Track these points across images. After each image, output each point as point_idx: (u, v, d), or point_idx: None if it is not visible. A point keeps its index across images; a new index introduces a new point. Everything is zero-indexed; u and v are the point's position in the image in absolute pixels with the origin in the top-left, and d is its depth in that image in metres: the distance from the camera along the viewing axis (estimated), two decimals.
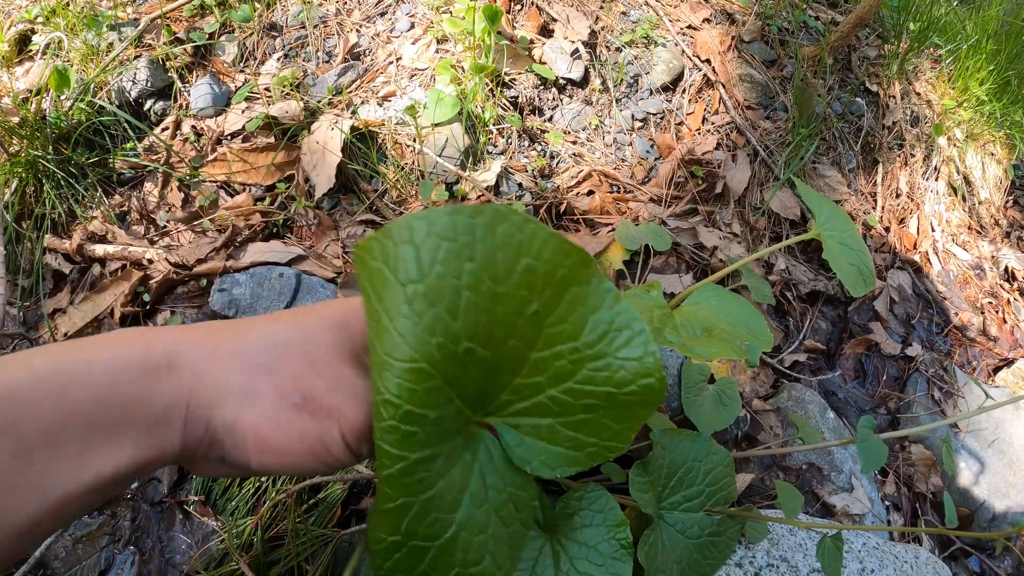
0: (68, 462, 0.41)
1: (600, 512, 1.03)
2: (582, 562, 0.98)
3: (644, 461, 1.12)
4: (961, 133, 2.59)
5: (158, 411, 0.44)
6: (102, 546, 1.37)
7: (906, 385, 1.97)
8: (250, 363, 0.49)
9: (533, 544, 1.00)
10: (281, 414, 0.48)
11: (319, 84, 1.98)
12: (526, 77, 1.95)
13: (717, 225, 1.89)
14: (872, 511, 1.64)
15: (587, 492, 1.04)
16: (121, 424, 0.43)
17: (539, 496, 1.04)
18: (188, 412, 0.46)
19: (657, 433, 1.14)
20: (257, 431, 0.47)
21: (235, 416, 0.47)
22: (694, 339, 1.09)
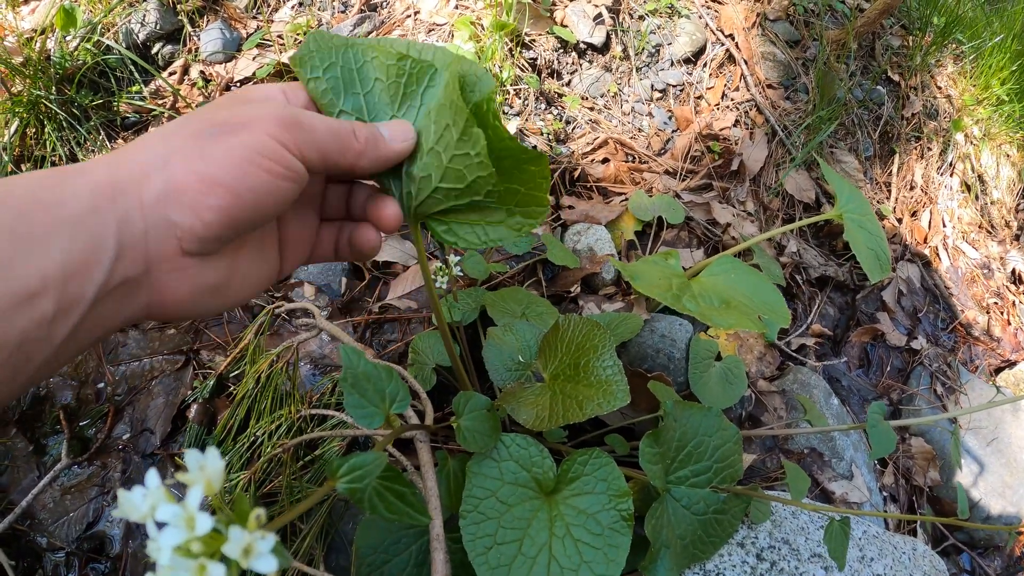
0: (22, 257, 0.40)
1: (603, 480, 0.99)
2: (579, 529, 0.95)
3: (655, 432, 1.08)
4: (979, 131, 2.55)
5: (80, 209, 0.43)
6: (91, 497, 1.34)
7: (909, 377, 1.95)
8: (159, 136, 0.49)
9: (529, 505, 0.97)
10: (204, 150, 0.48)
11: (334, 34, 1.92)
12: (546, 39, 1.90)
13: (731, 202, 1.85)
14: (870, 500, 1.62)
15: (592, 457, 1.00)
16: (44, 229, 0.41)
17: (543, 456, 1.01)
18: (116, 203, 0.45)
19: (669, 404, 1.11)
20: (189, 178, 0.47)
21: (165, 180, 0.46)
22: (712, 309, 1.06)
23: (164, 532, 0.36)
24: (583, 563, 0.93)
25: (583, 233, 1.66)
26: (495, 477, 0.97)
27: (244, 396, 1.37)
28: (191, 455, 0.39)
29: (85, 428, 1.41)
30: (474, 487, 0.96)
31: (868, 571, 1.33)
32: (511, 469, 0.99)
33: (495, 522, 0.94)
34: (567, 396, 1.03)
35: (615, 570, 0.93)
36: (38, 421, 1.41)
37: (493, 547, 0.92)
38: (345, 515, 1.30)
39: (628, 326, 1.41)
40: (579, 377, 1.05)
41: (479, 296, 1.45)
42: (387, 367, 0.85)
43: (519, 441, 1.00)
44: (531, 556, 0.93)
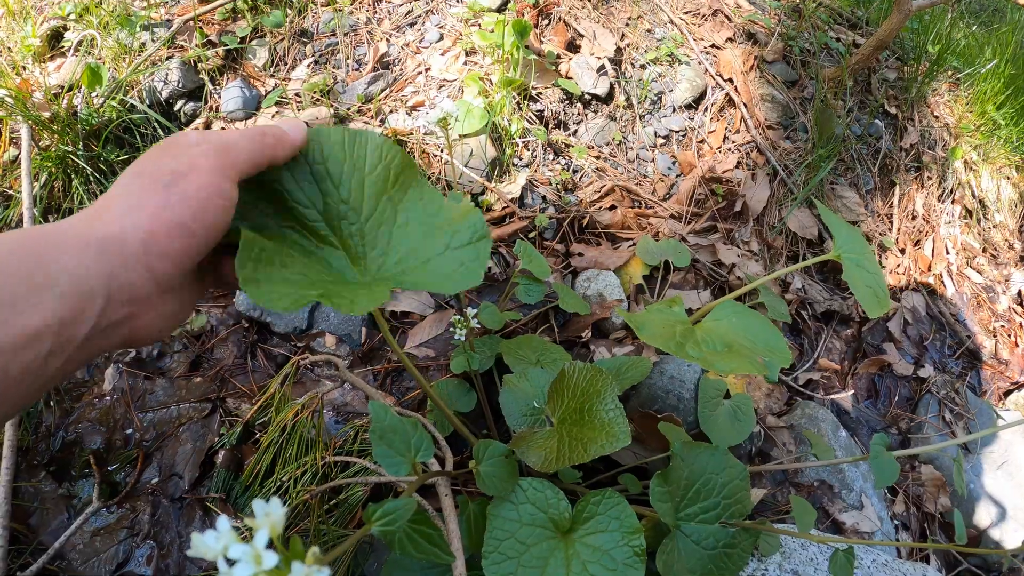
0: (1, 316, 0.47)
1: (616, 519, 1.06)
2: (595, 566, 1.01)
3: (664, 472, 1.15)
4: (977, 156, 2.61)
5: (74, 264, 0.51)
6: (120, 539, 1.40)
7: (917, 406, 2.00)
8: (123, 190, 0.58)
9: (546, 544, 1.03)
10: (165, 200, 0.57)
11: (349, 91, 2.02)
12: (552, 91, 1.99)
13: (736, 243, 1.92)
14: (881, 529, 1.67)
15: (605, 498, 1.07)
16: (46, 280, 0.50)
17: (558, 498, 1.08)
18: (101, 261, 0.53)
19: (677, 446, 1.17)
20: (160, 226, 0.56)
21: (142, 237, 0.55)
22: (715, 354, 1.12)
23: (236, 567, 0.45)
24: None
25: (593, 279, 1.73)
26: (514, 519, 1.04)
27: (270, 443, 1.45)
28: (258, 504, 0.49)
29: (114, 472, 1.47)
30: (495, 529, 1.03)
31: None
32: (529, 511, 1.06)
33: (515, 561, 1.01)
34: (573, 439, 1.10)
35: None
36: (68, 465, 1.47)
37: None
38: (371, 556, 1.37)
39: (638, 370, 1.48)
40: (584, 420, 1.12)
41: (495, 344, 1.52)
42: (412, 420, 0.94)
43: (535, 484, 1.08)
44: None
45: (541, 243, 1.81)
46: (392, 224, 0.80)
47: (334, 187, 0.77)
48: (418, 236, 0.81)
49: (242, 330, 1.67)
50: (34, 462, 1.48)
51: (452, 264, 0.79)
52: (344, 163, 0.78)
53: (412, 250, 0.80)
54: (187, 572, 1.38)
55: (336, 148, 0.77)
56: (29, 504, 1.43)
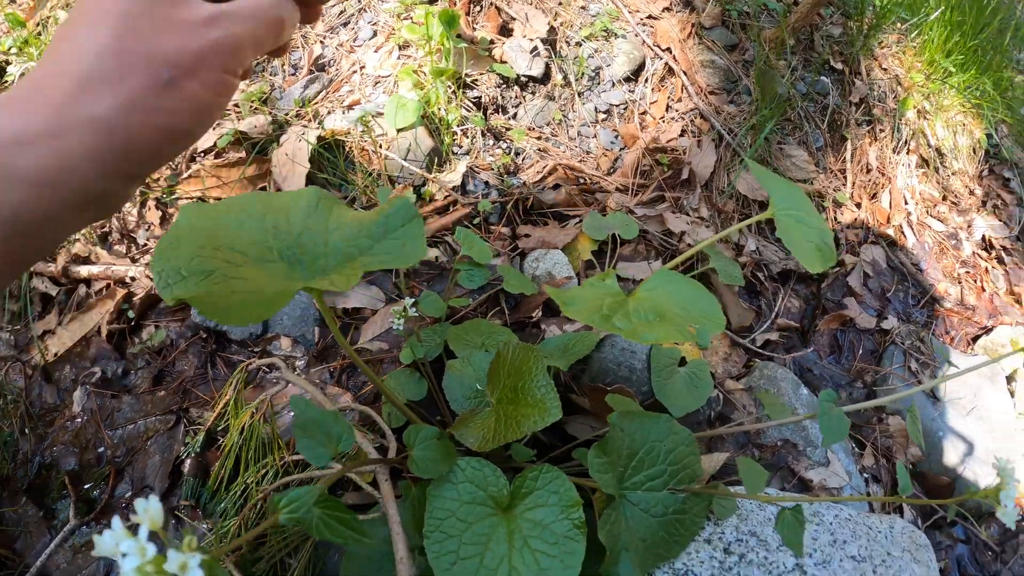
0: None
1: (555, 492, 1.06)
2: (535, 540, 1.01)
3: (602, 442, 1.14)
4: (930, 105, 2.60)
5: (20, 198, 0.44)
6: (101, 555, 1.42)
7: (882, 358, 1.99)
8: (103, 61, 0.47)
9: (488, 522, 1.03)
10: (164, 103, 0.48)
11: (286, 97, 2.01)
12: (488, 77, 1.98)
13: (684, 211, 1.91)
14: (850, 484, 1.66)
15: (542, 472, 1.07)
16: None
17: (497, 475, 1.07)
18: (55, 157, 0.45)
19: (614, 416, 1.17)
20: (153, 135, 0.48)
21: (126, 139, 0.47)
22: (644, 324, 1.11)
23: (125, 560, 0.48)
24: (540, 570, 0.99)
25: (540, 259, 1.72)
26: (454, 498, 1.04)
27: (231, 448, 1.47)
28: (140, 503, 0.51)
29: (90, 490, 1.51)
30: (435, 509, 1.03)
31: (841, 553, 1.37)
32: (468, 490, 1.05)
33: (457, 539, 1.00)
34: (508, 417, 1.10)
35: (572, 575, 0.99)
36: (46, 488, 1.51)
37: (457, 562, 0.99)
38: (331, 548, 1.39)
39: (584, 344, 1.47)
40: (518, 399, 1.12)
41: (443, 331, 1.52)
42: (333, 412, 0.94)
43: (473, 463, 1.07)
44: (492, 568, 0.99)
45: (487, 228, 1.80)
46: (324, 232, 0.90)
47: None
48: (354, 231, 0.89)
49: (200, 340, 1.68)
50: (15, 489, 1.52)
51: (395, 245, 0.87)
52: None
53: (352, 243, 0.88)
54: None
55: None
56: (13, 530, 1.47)
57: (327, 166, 1.86)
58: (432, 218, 1.79)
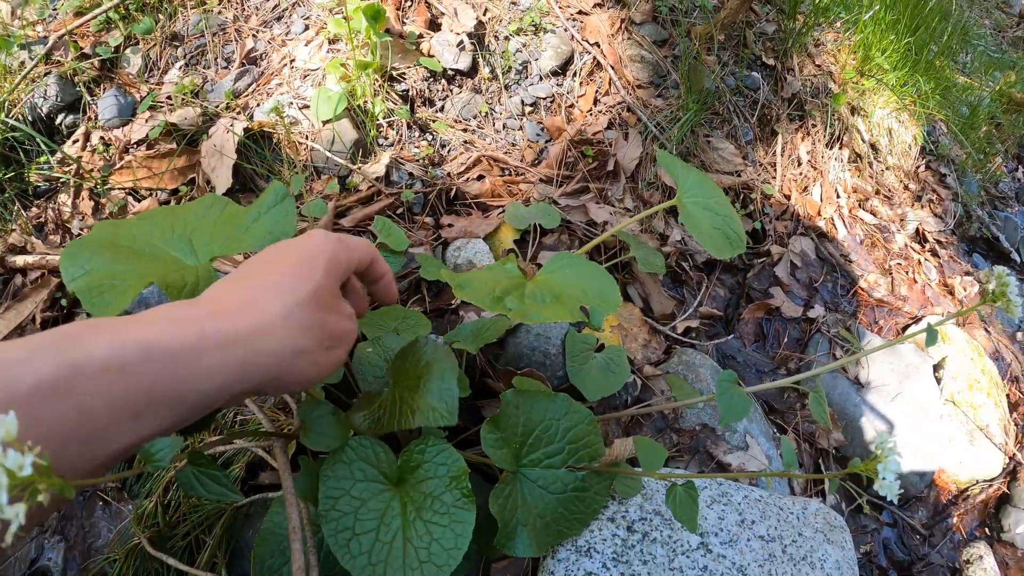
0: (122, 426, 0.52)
1: (443, 464, 1.06)
2: (427, 511, 1.02)
3: (495, 418, 1.15)
4: (865, 103, 2.65)
5: (211, 388, 0.57)
6: (32, 536, 1.48)
7: (807, 346, 2.01)
8: (293, 325, 0.65)
9: (381, 497, 1.04)
10: (321, 358, 0.68)
11: (217, 89, 2.02)
12: (415, 70, 1.99)
13: (609, 201, 1.93)
14: (770, 468, 1.68)
15: (428, 446, 1.08)
16: (169, 397, 0.54)
17: (386, 452, 1.08)
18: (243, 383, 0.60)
19: (508, 394, 1.18)
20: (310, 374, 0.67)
21: (289, 371, 0.65)
22: (536, 306, 1.12)
23: None
24: (433, 540, 1.01)
25: (462, 248, 1.73)
26: (346, 477, 1.05)
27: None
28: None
29: None
30: (329, 488, 1.03)
31: (748, 533, 1.38)
32: (360, 468, 1.06)
33: (351, 516, 1.01)
34: (404, 404, 1.11)
35: (462, 543, 1.00)
36: None
37: (353, 538, 1.00)
38: (245, 524, 1.41)
39: (494, 329, 1.48)
40: (418, 389, 1.12)
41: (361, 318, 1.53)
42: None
43: (363, 442, 1.08)
44: (387, 541, 1.00)
45: (411, 218, 1.81)
46: (212, 228, 1.00)
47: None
48: (237, 221, 0.99)
49: None
50: None
51: (266, 226, 0.98)
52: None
53: (234, 231, 0.98)
54: (92, 560, 1.45)
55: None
56: None
57: (255, 157, 1.87)
58: (356, 208, 1.80)
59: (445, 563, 0.99)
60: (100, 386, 0.49)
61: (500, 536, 1.13)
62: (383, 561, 0.98)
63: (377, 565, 0.98)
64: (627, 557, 1.27)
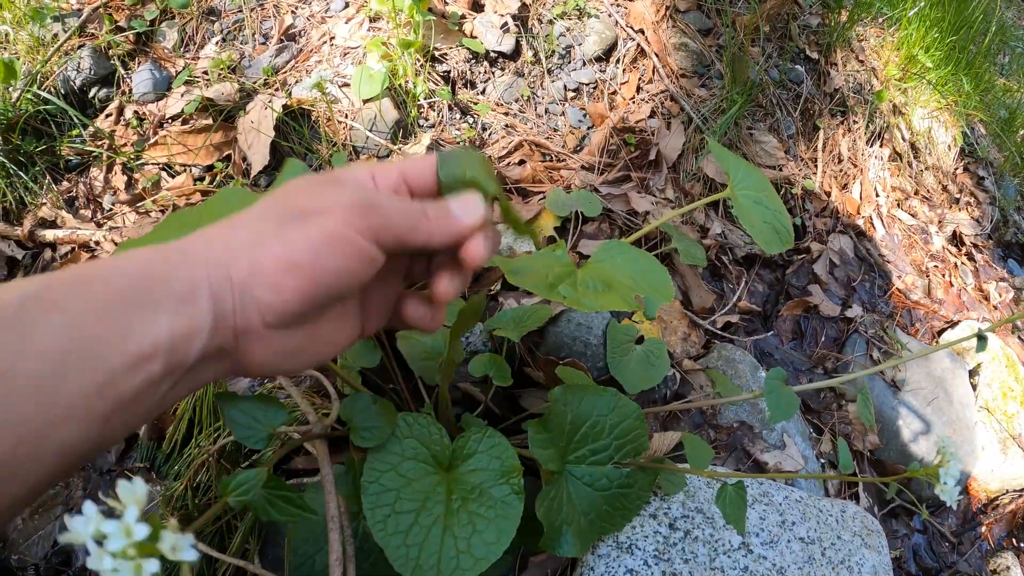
0: (114, 337, 0.46)
1: (497, 458, 1.04)
2: (473, 502, 1.00)
3: (542, 419, 1.13)
4: (906, 100, 2.60)
5: (184, 287, 0.49)
6: (56, 516, 1.47)
7: (844, 346, 1.98)
8: (249, 221, 0.55)
9: (428, 480, 1.02)
10: (285, 236, 0.53)
11: (254, 65, 1.99)
12: (457, 51, 1.96)
13: (650, 191, 1.90)
14: (806, 468, 1.65)
15: (485, 436, 1.05)
16: (154, 302, 0.48)
17: (441, 433, 1.06)
18: (212, 284, 0.51)
19: (557, 390, 1.15)
20: (271, 261, 0.52)
21: (250, 262, 0.52)
22: (589, 293, 1.10)
23: (108, 542, 0.44)
24: (475, 532, 0.98)
25: (502, 233, 1.71)
26: (396, 453, 1.03)
27: (184, 411, 1.47)
28: (123, 486, 0.48)
29: None
30: (376, 461, 1.01)
31: (789, 534, 1.36)
32: (411, 445, 1.04)
33: (394, 493, 0.99)
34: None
35: (504, 540, 0.98)
36: None
37: (392, 515, 0.97)
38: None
39: (537, 316, 1.46)
40: None
41: None
42: (263, 397, 0.95)
43: (420, 420, 1.06)
44: (427, 525, 0.98)
45: None
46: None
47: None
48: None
49: None
50: None
51: None
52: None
53: None
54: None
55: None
56: None
57: (292, 135, 1.84)
58: None
59: (483, 556, 0.96)
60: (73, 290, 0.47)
61: (545, 538, 1.11)
62: (418, 544, 0.96)
63: (412, 547, 0.96)
64: (669, 555, 1.25)
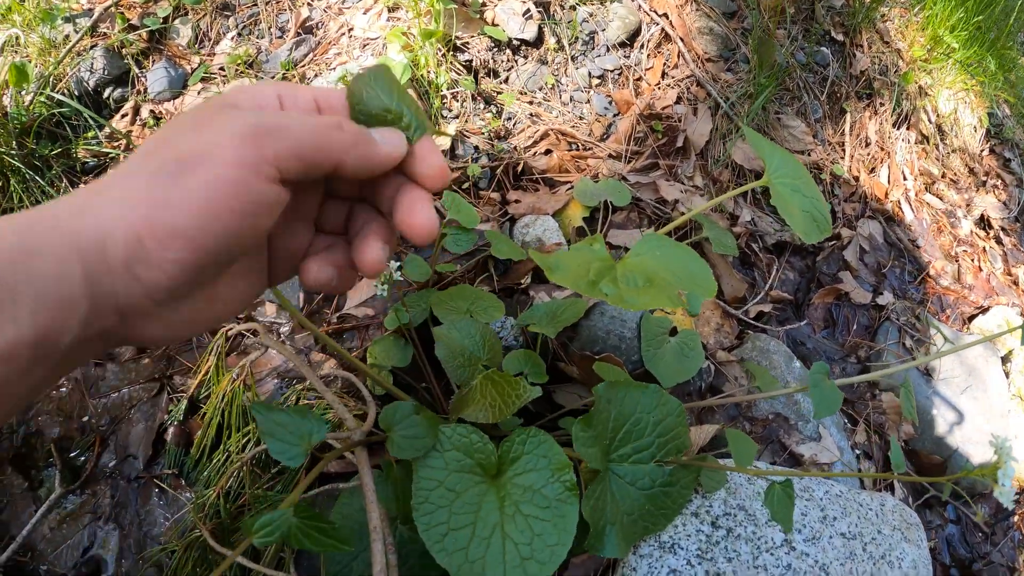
0: None
1: (544, 456, 1.02)
2: (527, 505, 0.98)
3: (587, 416, 1.10)
4: (932, 81, 2.56)
5: (51, 269, 0.42)
6: (84, 524, 1.44)
7: (877, 334, 1.95)
8: (120, 178, 0.46)
9: (477, 490, 1.00)
10: (162, 195, 0.44)
11: (272, 60, 1.96)
12: (479, 40, 1.92)
13: (679, 179, 1.87)
14: (841, 460, 1.63)
15: (530, 437, 1.03)
16: (13, 296, 0.40)
17: (484, 441, 1.04)
18: (84, 265, 0.43)
19: (600, 388, 1.12)
20: (149, 230, 0.43)
21: (126, 237, 0.43)
22: (631, 290, 1.07)
23: None
24: (535, 536, 0.96)
25: (531, 225, 1.68)
26: (440, 467, 1.01)
27: (213, 416, 1.44)
28: None
29: (75, 459, 1.51)
30: (422, 479, 0.99)
31: (830, 530, 1.34)
32: (455, 458, 1.02)
33: (446, 510, 0.97)
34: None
35: (566, 539, 0.96)
36: (30, 458, 1.51)
37: (448, 533, 0.95)
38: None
39: (572, 311, 1.43)
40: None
41: (429, 297, 1.48)
42: (300, 409, 0.91)
43: (460, 430, 1.04)
44: (485, 537, 0.96)
45: (476, 193, 1.76)
46: None
47: None
48: None
49: None
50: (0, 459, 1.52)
51: None
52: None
53: None
54: (148, 549, 1.40)
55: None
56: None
57: None
58: None
59: (548, 560, 0.94)
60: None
61: (590, 538, 1.08)
62: (481, 559, 0.94)
63: (475, 563, 0.93)
64: (712, 554, 1.23)
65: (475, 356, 1.30)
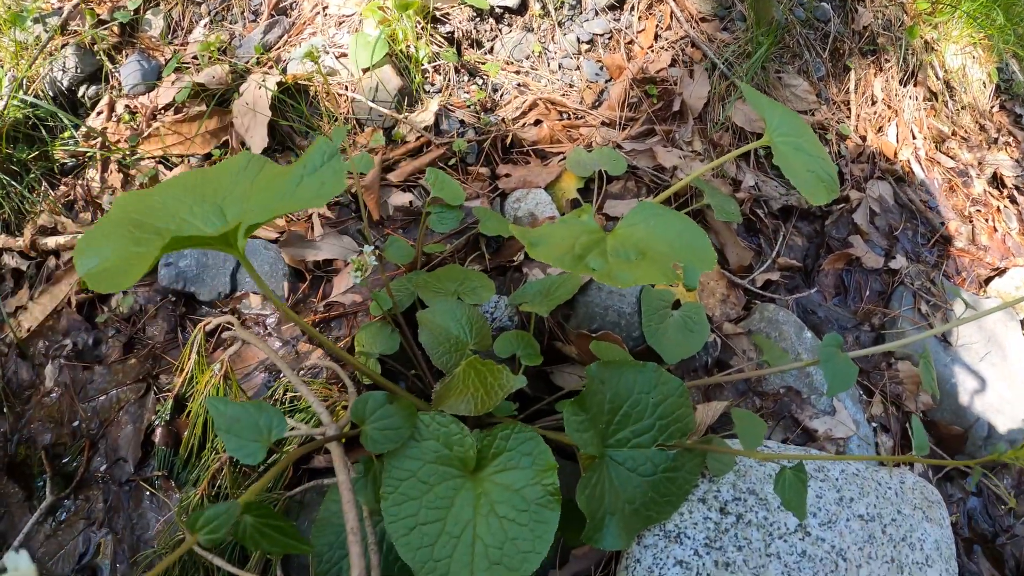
0: None
1: (528, 455, 0.95)
2: (503, 506, 0.91)
3: (579, 398, 1.02)
4: (939, 36, 2.45)
5: None
6: (79, 530, 1.43)
7: (891, 300, 1.86)
8: None
9: (452, 484, 0.93)
10: None
11: (245, 44, 1.89)
12: (460, 10, 1.83)
13: (677, 144, 1.78)
14: (858, 433, 1.55)
15: (515, 432, 0.95)
16: None
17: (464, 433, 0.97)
18: None
19: (593, 367, 1.05)
20: None
21: None
22: (622, 264, 0.98)
23: None
24: (508, 540, 0.90)
25: (522, 199, 1.60)
26: (416, 457, 0.94)
27: (197, 413, 1.41)
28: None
29: (67, 465, 1.50)
30: (393, 468, 0.93)
31: (848, 512, 1.25)
32: (432, 448, 0.95)
33: (417, 502, 0.91)
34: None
35: (542, 547, 0.89)
36: (26, 466, 1.51)
37: (416, 527, 0.90)
38: (301, 513, 1.33)
39: (567, 287, 1.35)
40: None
41: (415, 280, 1.41)
42: (257, 403, 0.87)
43: (439, 419, 0.97)
44: (455, 535, 0.90)
45: (464, 169, 1.67)
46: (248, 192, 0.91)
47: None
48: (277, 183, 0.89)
49: (169, 304, 1.62)
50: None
51: (313, 186, 0.85)
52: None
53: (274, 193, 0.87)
54: (142, 552, 1.38)
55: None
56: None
57: (291, 113, 1.74)
58: (404, 161, 1.66)
59: (519, 567, 0.88)
60: None
61: (588, 529, 1.01)
62: (447, 558, 0.88)
63: (441, 562, 0.88)
64: (720, 542, 1.15)
65: (461, 340, 1.22)
